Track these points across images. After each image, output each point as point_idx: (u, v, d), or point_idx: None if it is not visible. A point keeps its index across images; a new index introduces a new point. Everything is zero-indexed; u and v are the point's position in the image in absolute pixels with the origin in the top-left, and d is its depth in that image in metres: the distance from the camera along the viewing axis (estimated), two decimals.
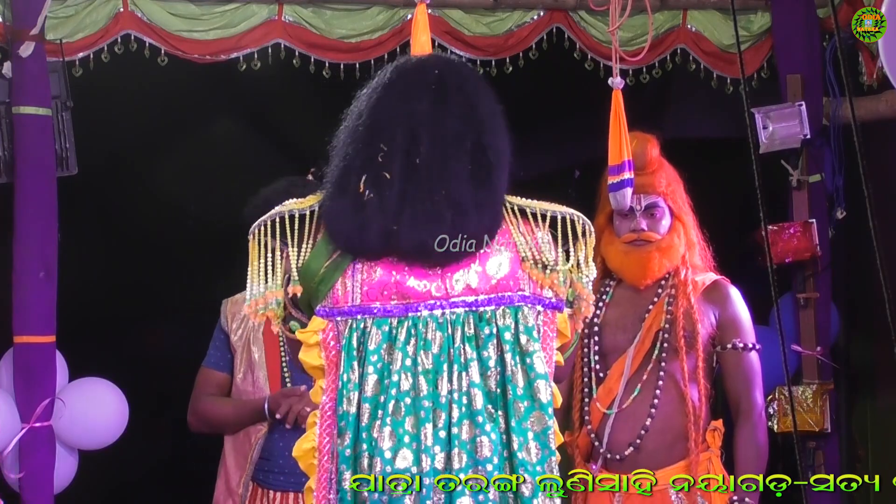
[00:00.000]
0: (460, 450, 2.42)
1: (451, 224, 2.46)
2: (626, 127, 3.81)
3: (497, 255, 2.52)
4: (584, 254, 2.59)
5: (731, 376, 3.81)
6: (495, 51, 5.15)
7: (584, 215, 2.69)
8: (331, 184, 2.57)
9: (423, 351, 2.46)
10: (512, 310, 2.49)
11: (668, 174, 3.91)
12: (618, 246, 3.87)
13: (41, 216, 4.63)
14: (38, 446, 4.59)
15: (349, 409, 2.46)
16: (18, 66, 4.62)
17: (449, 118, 2.53)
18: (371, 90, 2.60)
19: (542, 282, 2.53)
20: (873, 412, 5.54)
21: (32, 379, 4.60)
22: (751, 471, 3.72)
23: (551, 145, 6.91)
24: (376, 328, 2.49)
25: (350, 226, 2.50)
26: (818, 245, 5.02)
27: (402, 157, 2.49)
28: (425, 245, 2.47)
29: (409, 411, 2.43)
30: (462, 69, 2.63)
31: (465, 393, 2.44)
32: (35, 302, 4.62)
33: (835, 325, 5.23)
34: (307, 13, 5.02)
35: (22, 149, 4.61)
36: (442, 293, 2.49)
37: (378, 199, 2.48)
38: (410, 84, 2.57)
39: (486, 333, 2.47)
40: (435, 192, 2.47)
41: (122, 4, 4.86)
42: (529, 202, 2.62)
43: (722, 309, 3.84)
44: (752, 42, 5.22)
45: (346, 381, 2.47)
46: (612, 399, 3.80)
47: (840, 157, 5.12)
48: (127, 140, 5.93)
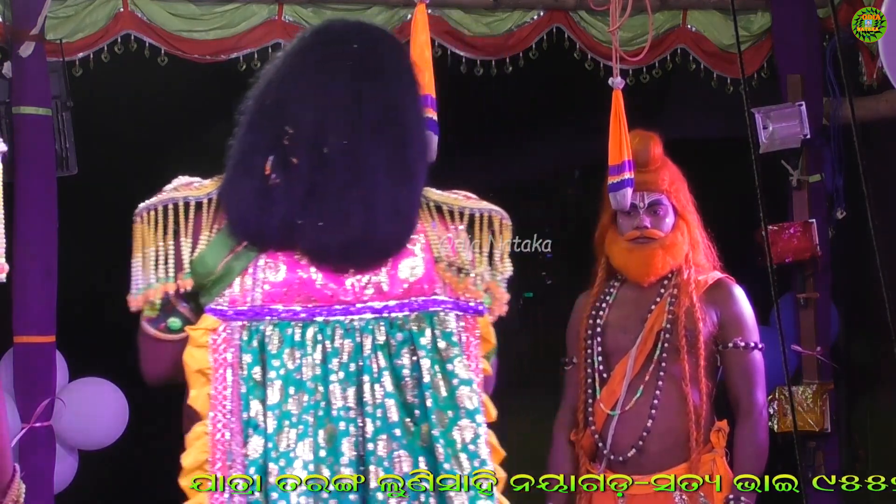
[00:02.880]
0: (377, 467, 2.19)
1: (361, 229, 2.22)
2: (627, 127, 3.81)
3: (411, 257, 2.29)
4: (499, 252, 2.38)
5: (732, 375, 3.80)
6: (495, 51, 5.15)
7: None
8: (232, 164, 2.30)
9: (333, 359, 2.23)
10: (427, 315, 2.27)
11: (671, 172, 3.90)
12: (621, 244, 3.86)
13: (41, 216, 4.63)
14: (38, 446, 4.59)
15: (257, 417, 2.19)
16: (18, 66, 4.62)
17: (366, 104, 2.25)
18: (285, 55, 2.35)
19: (456, 285, 2.31)
20: (873, 412, 5.54)
21: (32, 379, 4.60)
22: (748, 470, 3.71)
23: (551, 145, 6.92)
24: (279, 332, 2.23)
25: (250, 211, 2.23)
26: (818, 245, 5.02)
27: (311, 143, 2.23)
28: (327, 248, 2.24)
29: (321, 424, 2.20)
30: (383, 45, 2.33)
31: (380, 405, 2.21)
32: (35, 302, 4.62)
33: (835, 325, 5.23)
34: (307, 13, 5.02)
35: (22, 149, 4.62)
36: (350, 297, 2.26)
37: (285, 185, 2.22)
38: (327, 56, 2.30)
39: (398, 340, 2.25)
40: (347, 190, 2.22)
41: (122, 4, 4.86)
42: (447, 197, 2.38)
43: (724, 307, 3.82)
44: (752, 42, 5.22)
45: (251, 388, 2.21)
46: (616, 400, 3.79)
47: (840, 157, 5.12)
48: (127, 140, 5.93)
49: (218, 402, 2.23)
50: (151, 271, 2.29)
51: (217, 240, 2.27)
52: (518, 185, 7.57)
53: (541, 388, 7.24)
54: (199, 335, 2.25)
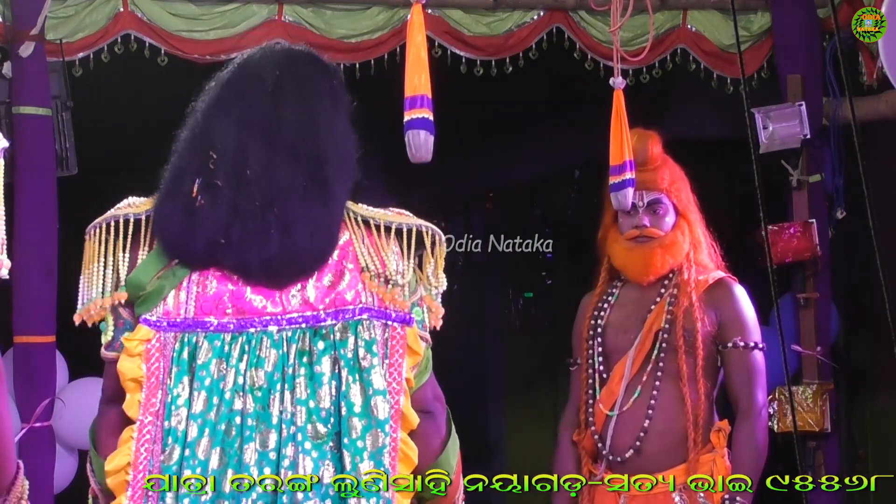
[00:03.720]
0: (287, 470, 2.28)
1: (278, 246, 2.33)
2: (628, 127, 3.81)
3: (338, 269, 2.38)
4: (432, 266, 2.45)
5: (731, 375, 3.79)
6: (495, 51, 5.14)
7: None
8: (163, 187, 2.43)
9: (254, 368, 2.32)
10: (351, 324, 2.35)
11: (671, 171, 3.90)
12: (621, 243, 3.87)
13: (41, 216, 4.63)
14: (38, 446, 4.59)
15: (178, 425, 2.30)
16: (18, 66, 4.62)
17: (284, 126, 2.39)
18: (213, 85, 2.48)
19: (383, 295, 2.38)
20: (873, 412, 5.55)
21: (32, 379, 4.60)
22: (746, 470, 3.70)
23: (551, 145, 6.92)
24: (208, 343, 2.34)
25: (178, 231, 2.36)
26: (818, 245, 5.02)
27: (232, 166, 2.36)
28: (248, 265, 2.34)
29: (239, 431, 2.30)
30: (304, 68, 2.47)
31: (294, 412, 2.31)
32: (35, 302, 4.62)
33: (835, 325, 5.23)
34: (307, 13, 5.03)
35: (22, 149, 4.61)
36: (279, 309, 2.35)
37: (210, 207, 2.35)
38: (248, 84, 2.44)
39: (319, 349, 2.33)
40: (266, 210, 2.33)
41: (122, 4, 4.86)
42: (375, 212, 2.44)
43: (724, 307, 3.81)
44: (752, 42, 5.22)
45: (176, 397, 2.32)
46: (614, 401, 3.79)
47: (840, 157, 5.12)
48: (127, 140, 5.93)
49: (146, 409, 2.34)
50: (94, 286, 2.41)
51: (149, 257, 2.39)
52: (518, 185, 7.58)
53: (540, 387, 7.26)
54: (133, 346, 2.36)
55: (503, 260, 7.15)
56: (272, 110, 2.40)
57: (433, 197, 6.69)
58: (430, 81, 2.95)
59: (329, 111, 2.44)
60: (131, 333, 2.37)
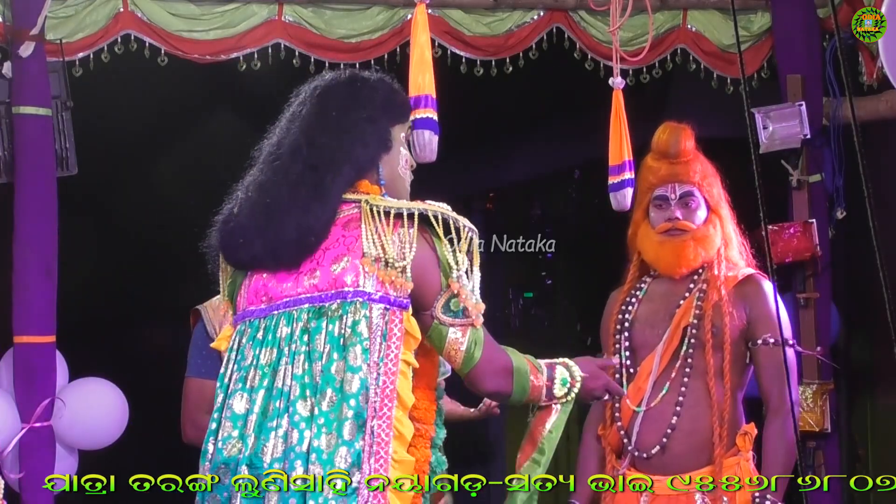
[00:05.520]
0: (280, 439, 2.53)
1: (274, 231, 2.62)
2: (627, 127, 3.81)
3: (339, 253, 2.61)
4: (448, 249, 2.64)
5: (761, 372, 3.73)
6: (495, 51, 5.15)
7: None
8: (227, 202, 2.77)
9: (269, 347, 2.60)
10: (344, 305, 2.57)
11: (703, 166, 3.86)
12: (653, 237, 3.82)
13: (41, 216, 4.63)
14: (38, 446, 4.59)
15: (217, 404, 2.64)
16: (18, 66, 4.63)
17: (294, 135, 2.68)
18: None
19: (383, 277, 2.58)
20: (873, 412, 5.54)
21: (32, 379, 4.60)
22: (778, 468, 3.63)
23: (551, 145, 6.92)
24: (249, 328, 2.65)
25: (219, 240, 2.72)
26: (818, 245, 5.02)
27: (260, 176, 2.68)
28: (256, 256, 2.65)
29: (251, 406, 2.57)
30: (336, 83, 2.76)
31: (291, 385, 2.55)
32: (35, 302, 4.63)
33: (835, 325, 5.23)
34: (307, 13, 5.03)
35: (22, 149, 4.62)
36: (293, 292, 2.62)
37: (237, 215, 2.69)
38: (292, 113, 2.74)
39: (314, 327, 2.57)
40: (271, 205, 2.63)
41: (122, 4, 4.86)
42: (381, 200, 2.64)
43: (754, 304, 3.75)
44: (752, 42, 5.23)
45: (222, 381, 2.64)
46: (642, 397, 3.75)
47: (840, 157, 5.12)
48: (127, 140, 5.93)
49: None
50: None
51: (225, 268, 2.77)
52: (518, 185, 7.58)
53: None
54: (220, 344, 2.74)
55: (503, 260, 7.14)
56: (291, 125, 2.70)
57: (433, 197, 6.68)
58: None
59: (341, 110, 2.69)
60: (222, 333, 2.75)
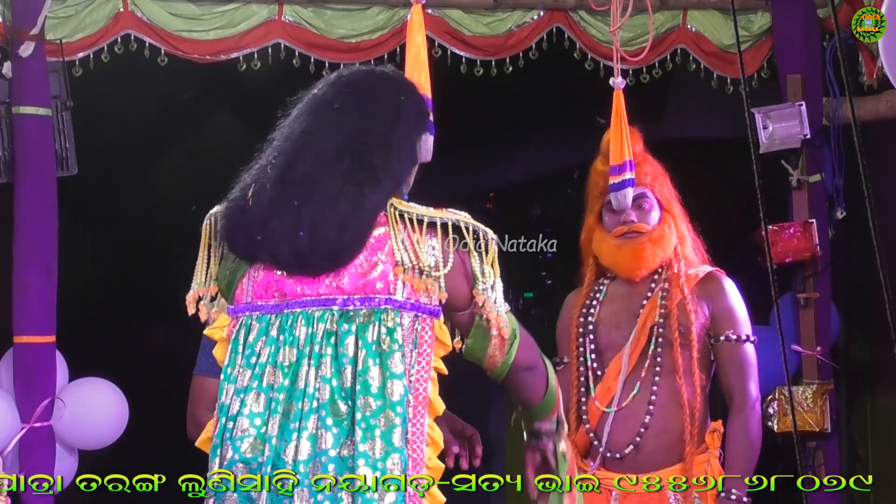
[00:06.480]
0: (307, 441, 2.49)
1: (307, 242, 2.53)
2: (628, 127, 3.82)
3: (371, 259, 2.56)
4: (477, 261, 2.62)
5: (724, 368, 3.81)
6: (495, 51, 5.15)
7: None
8: (235, 186, 2.66)
9: (288, 346, 2.55)
10: (376, 312, 2.54)
11: (652, 167, 3.91)
12: (609, 241, 3.87)
13: (41, 216, 4.63)
14: (38, 446, 4.59)
15: (225, 400, 2.56)
16: (18, 66, 4.63)
17: (336, 134, 2.59)
18: (301, 103, 2.69)
19: (417, 286, 2.55)
20: (873, 412, 5.54)
21: (32, 379, 4.60)
22: (740, 463, 3.72)
23: (551, 145, 6.92)
24: (258, 323, 2.59)
25: (227, 228, 2.62)
26: (818, 245, 5.02)
27: (281, 169, 2.58)
28: (280, 258, 2.57)
29: (267, 405, 2.53)
30: (372, 85, 2.66)
31: (318, 388, 2.51)
32: (35, 302, 4.62)
33: (835, 325, 5.23)
34: (307, 13, 5.03)
35: (22, 149, 4.62)
36: (313, 292, 2.56)
37: (255, 206, 2.58)
38: (322, 100, 2.65)
39: (343, 330, 2.53)
40: (301, 208, 2.54)
41: (122, 4, 4.86)
42: (414, 208, 2.61)
43: (715, 301, 3.82)
44: (752, 42, 5.22)
45: (228, 375, 2.58)
46: (612, 397, 3.79)
47: (840, 157, 5.12)
48: (127, 140, 5.94)
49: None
50: (197, 274, 2.70)
51: (226, 253, 2.66)
52: (518, 185, 7.58)
53: None
54: (214, 332, 2.66)
55: (503, 260, 7.15)
56: (334, 122, 2.60)
57: (433, 197, 6.68)
58: (430, 81, 2.96)
59: (388, 125, 2.61)
60: (217, 322, 2.66)
